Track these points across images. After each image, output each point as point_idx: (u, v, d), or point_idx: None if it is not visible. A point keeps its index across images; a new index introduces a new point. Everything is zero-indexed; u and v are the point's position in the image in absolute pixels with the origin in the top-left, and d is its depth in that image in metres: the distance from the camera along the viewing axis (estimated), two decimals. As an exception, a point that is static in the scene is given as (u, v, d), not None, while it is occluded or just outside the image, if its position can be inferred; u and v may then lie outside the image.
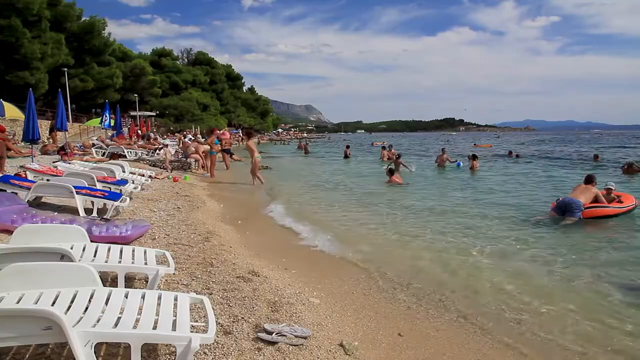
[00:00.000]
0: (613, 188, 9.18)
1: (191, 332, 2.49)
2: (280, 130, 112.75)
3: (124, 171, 10.35)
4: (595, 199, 8.59)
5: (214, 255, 5.20)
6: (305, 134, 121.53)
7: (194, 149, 17.05)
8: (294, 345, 3.14)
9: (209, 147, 15.91)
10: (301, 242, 7.11)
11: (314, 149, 42.08)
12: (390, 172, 15.24)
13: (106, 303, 2.68)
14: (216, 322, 3.05)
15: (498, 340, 3.77)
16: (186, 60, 76.50)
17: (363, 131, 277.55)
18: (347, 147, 31.08)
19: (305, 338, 3.28)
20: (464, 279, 5.34)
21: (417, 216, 9.18)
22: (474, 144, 51.18)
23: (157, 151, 19.96)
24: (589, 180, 9.02)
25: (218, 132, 19.06)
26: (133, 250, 3.98)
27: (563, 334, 3.90)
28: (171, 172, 14.63)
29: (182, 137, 26.25)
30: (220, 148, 17.48)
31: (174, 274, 4.12)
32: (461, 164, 20.75)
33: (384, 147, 29.05)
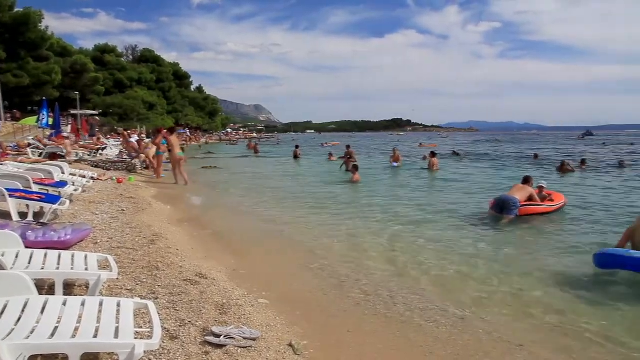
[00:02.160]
0: (544, 186, 9.80)
1: (135, 338, 2.40)
2: (229, 130, 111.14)
3: (63, 172, 9.86)
4: (530, 198, 9.08)
5: (160, 259, 5.06)
6: (255, 134, 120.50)
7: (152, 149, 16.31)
8: (243, 347, 3.11)
9: (155, 148, 15.43)
10: (250, 243, 7.06)
11: (263, 149, 41.80)
12: (355, 169, 15.50)
13: (42, 312, 2.54)
14: (162, 327, 2.97)
15: (444, 333, 3.89)
16: (131, 57, 73.84)
17: (313, 131, 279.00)
18: (297, 147, 31.07)
19: (254, 339, 3.26)
20: (410, 275, 5.48)
21: (365, 214, 9.33)
22: (420, 144, 52.42)
23: (100, 151, 19.18)
24: (526, 180, 9.58)
25: (165, 132, 18.53)
26: (73, 256, 3.80)
27: (503, 323, 4.09)
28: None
29: (127, 137, 25.33)
30: (167, 148, 16.98)
31: (117, 279, 3.96)
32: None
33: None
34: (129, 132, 31.52)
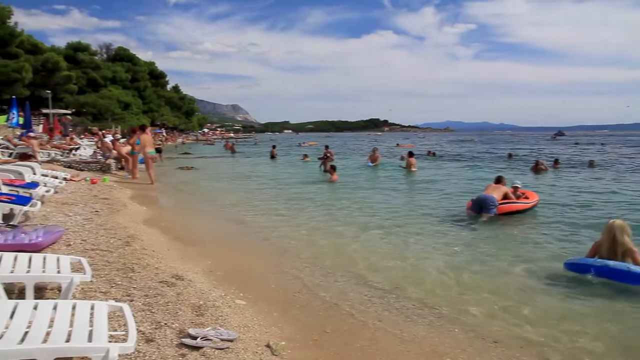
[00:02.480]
0: (519, 186, 10.02)
1: (109, 341, 2.37)
2: (206, 130, 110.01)
3: (34, 173, 9.62)
4: (505, 196, 9.26)
5: (135, 260, 4.98)
6: (232, 134, 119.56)
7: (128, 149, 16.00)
8: (220, 349, 3.09)
9: (130, 148, 15.18)
10: (227, 243, 7.01)
11: (241, 149, 41.54)
12: (333, 169, 15.54)
13: (11, 317, 2.48)
14: (137, 329, 2.93)
15: (421, 332, 3.94)
16: (105, 56, 72.29)
17: (290, 131, 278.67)
18: (274, 147, 30.94)
19: (231, 341, 3.24)
20: (388, 275, 5.51)
21: (343, 214, 9.36)
22: (397, 144, 52.79)
23: (73, 151, 18.77)
24: (499, 180, 9.79)
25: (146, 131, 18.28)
26: (44, 258, 3.71)
27: (479, 322, 4.16)
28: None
29: (102, 137, 24.86)
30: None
31: (91, 281, 3.88)
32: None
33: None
34: (104, 131, 30.93)
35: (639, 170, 20.46)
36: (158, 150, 18.00)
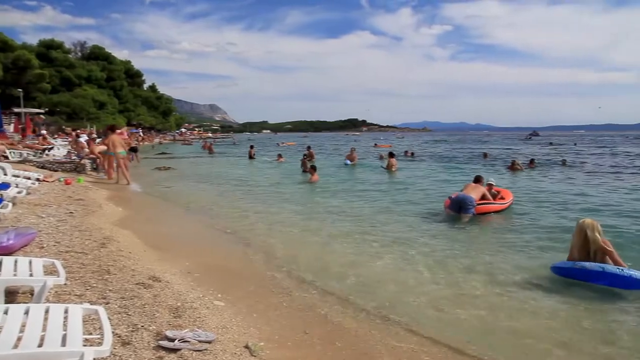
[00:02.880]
0: (494, 183, 10.20)
1: (84, 345, 2.33)
2: (183, 130, 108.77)
3: (5, 174, 9.38)
4: (483, 196, 9.40)
5: (111, 262, 4.91)
6: (210, 134, 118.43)
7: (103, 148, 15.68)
8: (198, 351, 3.06)
9: (105, 147, 14.90)
10: (206, 244, 6.96)
11: (219, 149, 41.21)
12: (314, 169, 15.53)
13: (-19, 322, 2.41)
14: (113, 332, 2.89)
15: (399, 331, 3.97)
16: (80, 54, 70.79)
17: (269, 131, 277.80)
18: (251, 147, 30.69)
19: (209, 342, 3.21)
20: (366, 276, 5.54)
21: (323, 214, 9.38)
22: (375, 144, 53.02)
23: (47, 152, 18.35)
24: (478, 179, 9.92)
25: (117, 131, 17.96)
26: (16, 261, 3.62)
27: (454, 320, 4.22)
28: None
29: (76, 137, 24.35)
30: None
31: (65, 284, 3.80)
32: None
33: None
34: (78, 131, 30.30)
35: (608, 170, 21.05)
36: (134, 150, 17.70)
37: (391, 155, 20.71)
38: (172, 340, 3.10)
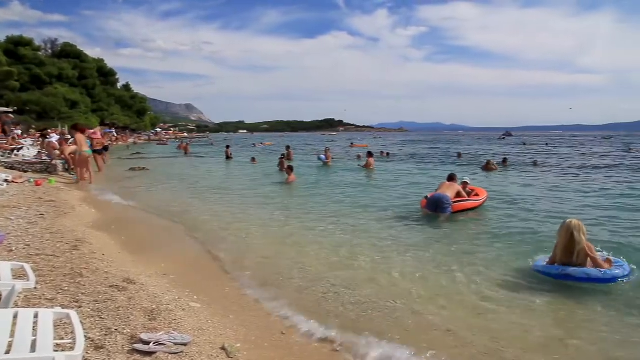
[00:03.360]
0: (468, 182, 10.38)
1: (55, 350, 2.27)
2: (158, 130, 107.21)
3: (-28, 175, 9.08)
4: (458, 194, 9.54)
5: (83, 265, 4.80)
6: (186, 134, 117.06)
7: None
8: (173, 354, 3.03)
9: (76, 148, 14.57)
10: (181, 246, 6.87)
11: (195, 149, 40.76)
12: (291, 169, 15.49)
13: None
14: (86, 337, 2.84)
15: (377, 327, 3.99)
16: (50, 51, 69.03)
17: (245, 131, 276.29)
18: (228, 147, 30.42)
19: (185, 345, 3.18)
20: (344, 273, 5.55)
21: (300, 214, 9.37)
22: (351, 144, 53.16)
23: (16, 152, 17.85)
24: (451, 177, 10.05)
25: (90, 131, 17.61)
26: (-18, 265, 3.51)
27: (433, 313, 4.27)
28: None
29: (41, 137, 23.70)
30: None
31: (35, 288, 3.71)
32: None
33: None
34: (49, 131, 29.54)
35: (575, 168, 21.65)
36: (105, 149, 17.36)
37: (370, 154, 20.81)
38: (147, 343, 3.06)
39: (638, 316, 4.31)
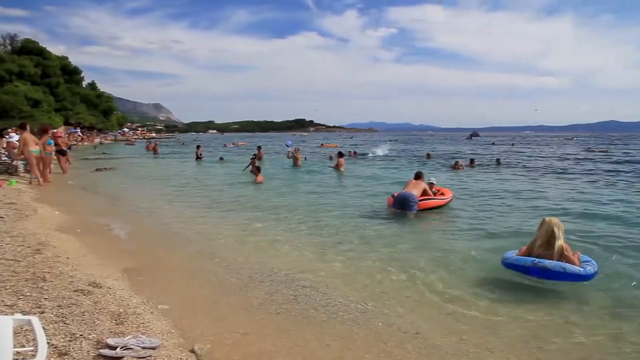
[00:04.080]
0: (434, 182, 10.61)
1: (15, 359, 2.19)
2: (126, 129, 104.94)
3: None
4: (424, 192, 9.71)
5: (46, 269, 4.65)
6: (154, 134, 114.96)
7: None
8: (141, 358, 2.97)
9: (38, 148, 14.09)
10: (148, 247, 6.74)
11: (164, 150, 40.07)
12: (258, 169, 15.42)
13: None
14: (49, 343, 2.75)
15: (345, 328, 4.02)
16: (10, 47, 66.54)
17: (215, 131, 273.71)
18: (198, 147, 30.00)
19: (153, 348, 3.12)
20: (313, 273, 5.55)
21: (267, 214, 9.32)
22: (321, 144, 53.27)
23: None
24: (418, 176, 10.22)
25: (54, 131, 17.10)
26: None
27: (401, 314, 4.32)
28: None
29: (6, 137, 22.84)
30: (53, 149, 15.63)
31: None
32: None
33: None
34: (10, 130, 28.49)
35: (539, 167, 22.33)
36: (63, 152, 16.87)
37: (340, 154, 20.95)
38: (114, 348, 2.99)
39: (607, 315, 4.40)
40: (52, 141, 14.92)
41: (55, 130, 18.26)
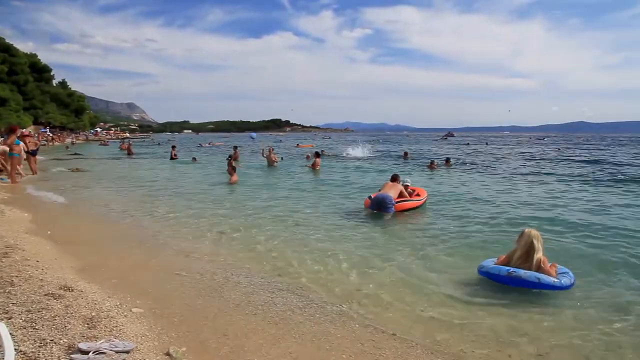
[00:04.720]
0: (409, 183, 10.74)
1: (-18, 365, 2.13)
2: (98, 129, 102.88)
3: None
4: (400, 194, 9.81)
5: (15, 273, 4.52)
6: (128, 134, 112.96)
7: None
8: (115, 362, 2.91)
9: (7, 149, 13.71)
10: (122, 249, 6.61)
11: (139, 150, 39.38)
12: (234, 169, 15.31)
13: None
14: (17, 350, 2.68)
15: (322, 329, 4.02)
16: (-25, 44, 64.50)
17: (190, 131, 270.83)
18: (173, 147, 29.60)
19: (127, 352, 3.07)
20: (289, 275, 5.56)
21: (242, 215, 9.26)
22: (297, 145, 53.13)
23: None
24: (394, 178, 10.35)
25: (22, 130, 16.64)
26: None
27: (377, 315, 4.35)
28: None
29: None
30: (22, 149, 15.21)
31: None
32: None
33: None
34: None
35: (510, 166, 22.82)
36: (32, 153, 16.48)
37: (317, 155, 21.00)
38: (86, 352, 2.92)
39: (580, 322, 4.36)
40: (19, 141, 14.51)
41: (23, 130, 17.75)
